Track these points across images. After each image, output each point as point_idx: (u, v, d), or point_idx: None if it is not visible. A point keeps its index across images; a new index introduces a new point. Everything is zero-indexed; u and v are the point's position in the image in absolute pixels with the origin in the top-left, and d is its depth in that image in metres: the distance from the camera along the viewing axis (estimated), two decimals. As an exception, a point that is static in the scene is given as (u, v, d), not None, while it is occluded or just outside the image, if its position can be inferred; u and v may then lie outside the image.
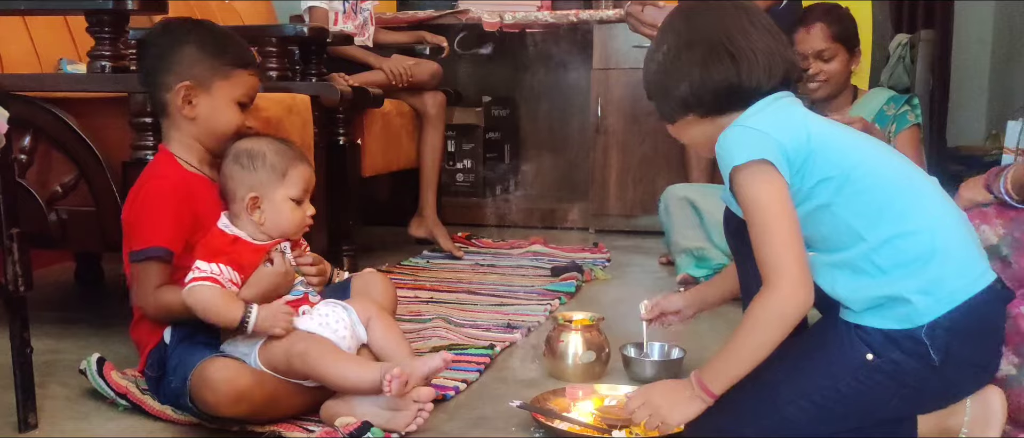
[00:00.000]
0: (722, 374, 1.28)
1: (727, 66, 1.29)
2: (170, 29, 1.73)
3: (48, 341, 2.00)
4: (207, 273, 1.52)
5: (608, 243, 3.33)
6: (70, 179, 1.95)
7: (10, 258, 1.50)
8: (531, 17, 3.70)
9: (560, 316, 1.88)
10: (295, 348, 1.51)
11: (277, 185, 1.61)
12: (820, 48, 2.42)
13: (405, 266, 2.96)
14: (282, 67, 2.48)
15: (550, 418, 1.52)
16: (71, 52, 2.45)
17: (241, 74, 1.72)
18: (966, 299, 1.23)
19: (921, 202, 1.27)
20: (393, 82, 3.05)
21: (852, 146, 1.31)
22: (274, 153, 1.63)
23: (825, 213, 1.27)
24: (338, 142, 2.67)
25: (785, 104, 1.32)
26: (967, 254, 1.27)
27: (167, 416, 1.57)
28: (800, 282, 1.22)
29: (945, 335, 1.22)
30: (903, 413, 1.30)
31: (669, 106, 1.37)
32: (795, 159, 1.25)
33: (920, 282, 1.22)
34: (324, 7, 3.11)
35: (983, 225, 1.47)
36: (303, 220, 1.64)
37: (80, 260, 2.75)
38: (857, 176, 1.25)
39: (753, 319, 1.25)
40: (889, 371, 1.24)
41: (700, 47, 1.31)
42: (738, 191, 1.26)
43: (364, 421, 1.47)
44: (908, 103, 2.49)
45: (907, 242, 1.23)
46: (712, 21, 1.32)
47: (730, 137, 1.27)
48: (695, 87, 1.32)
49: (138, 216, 1.64)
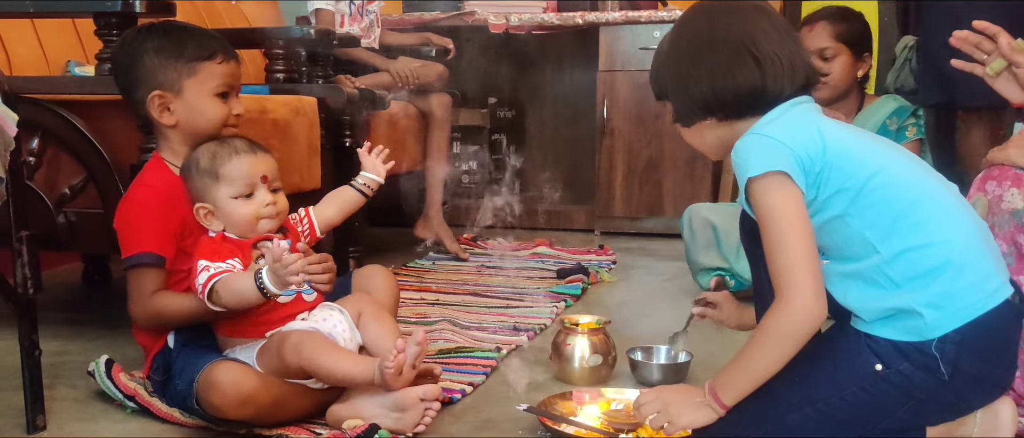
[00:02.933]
0: (733, 386, 1.28)
1: (752, 70, 1.27)
2: (126, 42, 1.71)
3: (56, 343, 2.01)
4: (223, 268, 1.52)
5: (614, 245, 3.33)
6: (78, 181, 1.96)
7: (19, 261, 1.50)
8: (537, 19, 3.71)
9: (566, 319, 1.88)
10: (289, 340, 1.51)
11: (215, 188, 1.58)
12: (821, 46, 2.36)
13: (411, 268, 2.96)
14: (289, 69, 2.48)
15: (557, 422, 1.52)
16: (79, 55, 2.46)
17: (207, 66, 1.66)
18: (978, 315, 1.21)
19: (937, 213, 1.25)
20: (399, 84, 3.06)
21: (869, 156, 1.27)
22: (207, 157, 1.60)
23: (839, 223, 1.25)
24: (344, 144, 2.68)
25: (803, 110, 1.29)
26: (982, 268, 1.24)
27: (175, 419, 1.57)
28: (814, 296, 1.20)
29: (955, 350, 1.20)
30: (909, 425, 1.28)
31: (687, 108, 1.33)
32: (811, 169, 1.23)
33: (932, 296, 1.21)
34: (330, 9, 3.12)
35: (1013, 188, 1.44)
36: (255, 212, 1.59)
37: (88, 261, 2.76)
38: (872, 187, 1.23)
39: (765, 333, 1.24)
40: (897, 382, 1.23)
41: (724, 49, 1.28)
42: (753, 201, 1.25)
43: (371, 423, 1.47)
44: (913, 115, 2.43)
45: (920, 255, 1.22)
46: (735, 23, 1.30)
47: (746, 146, 1.25)
48: (718, 90, 1.29)
49: (125, 224, 1.65)
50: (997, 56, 1.54)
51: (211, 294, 1.50)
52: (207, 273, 1.51)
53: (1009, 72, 1.55)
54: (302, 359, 1.50)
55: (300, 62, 2.55)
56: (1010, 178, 1.45)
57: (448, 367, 1.82)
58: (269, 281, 1.48)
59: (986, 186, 1.48)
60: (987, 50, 1.56)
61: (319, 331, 1.56)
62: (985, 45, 1.56)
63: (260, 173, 1.60)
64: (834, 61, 2.37)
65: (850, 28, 2.40)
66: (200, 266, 1.53)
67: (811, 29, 2.40)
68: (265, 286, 1.48)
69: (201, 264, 1.53)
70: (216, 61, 1.68)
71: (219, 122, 1.67)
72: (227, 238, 1.59)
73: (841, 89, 2.40)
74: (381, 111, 2.86)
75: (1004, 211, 1.44)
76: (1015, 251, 1.44)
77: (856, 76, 2.42)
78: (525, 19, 3.71)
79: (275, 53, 2.47)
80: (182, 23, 1.76)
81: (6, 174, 1.41)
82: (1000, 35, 1.54)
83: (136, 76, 1.67)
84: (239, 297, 1.51)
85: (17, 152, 1.45)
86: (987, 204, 1.47)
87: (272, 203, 1.61)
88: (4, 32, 2.29)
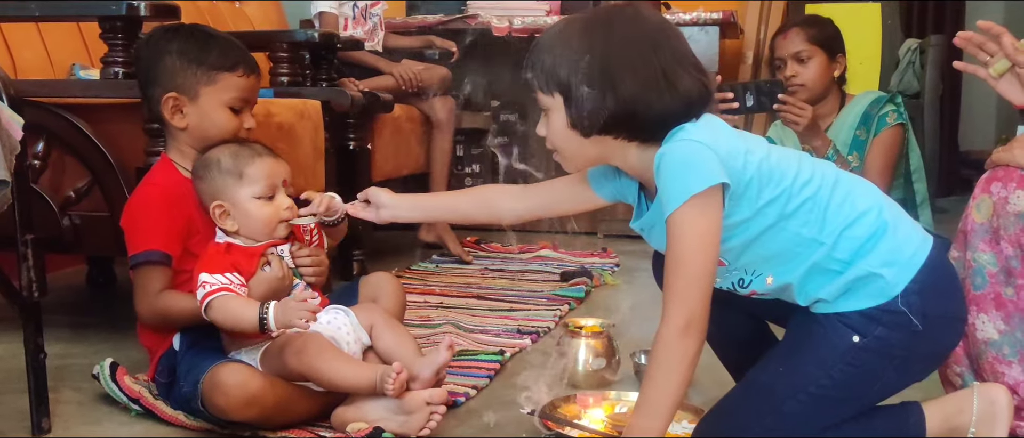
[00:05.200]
0: (646, 430, 1.22)
1: (665, 94, 1.19)
2: (152, 40, 1.71)
3: (61, 345, 2.01)
4: (218, 285, 1.52)
5: (616, 248, 3.33)
6: (83, 184, 1.96)
7: (24, 264, 1.51)
8: (540, 22, 3.71)
9: (570, 322, 1.88)
10: (292, 345, 1.51)
11: (236, 187, 1.59)
12: (796, 50, 2.43)
13: (415, 270, 2.97)
14: (293, 72, 2.49)
15: (561, 425, 1.52)
16: (84, 58, 2.46)
17: (227, 77, 1.67)
18: (924, 259, 1.26)
19: (851, 187, 1.29)
20: (403, 87, 3.06)
21: (784, 159, 1.27)
22: (228, 156, 1.60)
23: (773, 232, 1.25)
24: (349, 147, 2.69)
25: (717, 123, 1.25)
26: (905, 219, 1.31)
27: (180, 421, 1.58)
28: (701, 319, 1.18)
29: (918, 299, 1.25)
30: (900, 383, 1.32)
31: (592, 118, 1.21)
32: (739, 181, 1.21)
33: (883, 255, 1.25)
34: (334, 12, 3.12)
35: (1019, 189, 1.43)
36: (276, 214, 1.61)
37: (93, 264, 2.76)
38: (797, 187, 1.25)
39: (665, 363, 1.20)
40: (876, 348, 1.26)
41: (644, 70, 1.19)
42: (685, 218, 1.17)
43: (376, 426, 1.47)
44: (891, 102, 2.49)
45: (858, 228, 1.25)
46: (662, 41, 1.22)
47: (683, 156, 1.18)
48: (639, 111, 1.20)
49: (132, 223, 1.65)
50: (1001, 57, 1.54)
51: (207, 310, 1.51)
52: (204, 290, 1.51)
53: (1012, 74, 1.54)
54: (303, 365, 1.50)
55: (304, 65, 2.56)
56: (1015, 180, 1.45)
57: (452, 370, 1.82)
58: (274, 319, 1.47)
59: (991, 188, 1.48)
60: (991, 51, 1.56)
61: (321, 334, 1.56)
62: (989, 46, 1.56)
63: (282, 176, 1.62)
64: (809, 62, 2.44)
65: (821, 31, 2.47)
66: (200, 280, 1.53)
67: (785, 36, 2.48)
68: (268, 325, 1.48)
69: (201, 278, 1.53)
70: (237, 73, 1.68)
71: (229, 133, 1.68)
72: (233, 247, 1.59)
73: (818, 90, 2.46)
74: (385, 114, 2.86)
75: (1010, 213, 1.43)
76: (1020, 253, 1.43)
77: (832, 76, 2.48)
78: (528, 22, 3.71)
79: (279, 56, 2.48)
80: (211, 30, 1.77)
81: (11, 177, 1.41)
82: (1004, 36, 1.53)
83: (155, 74, 1.68)
84: (235, 322, 1.51)
85: (22, 155, 1.45)
86: (992, 206, 1.47)
87: (290, 207, 1.62)
88: (9, 35, 2.29)
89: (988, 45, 1.55)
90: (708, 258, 1.19)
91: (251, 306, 1.50)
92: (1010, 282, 1.45)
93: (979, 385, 1.36)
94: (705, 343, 1.22)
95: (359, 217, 1.59)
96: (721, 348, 1.54)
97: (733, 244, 1.26)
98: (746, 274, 1.31)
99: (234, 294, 1.52)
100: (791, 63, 2.44)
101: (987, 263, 1.46)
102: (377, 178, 2.88)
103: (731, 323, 1.47)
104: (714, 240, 1.19)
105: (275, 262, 1.59)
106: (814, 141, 2.34)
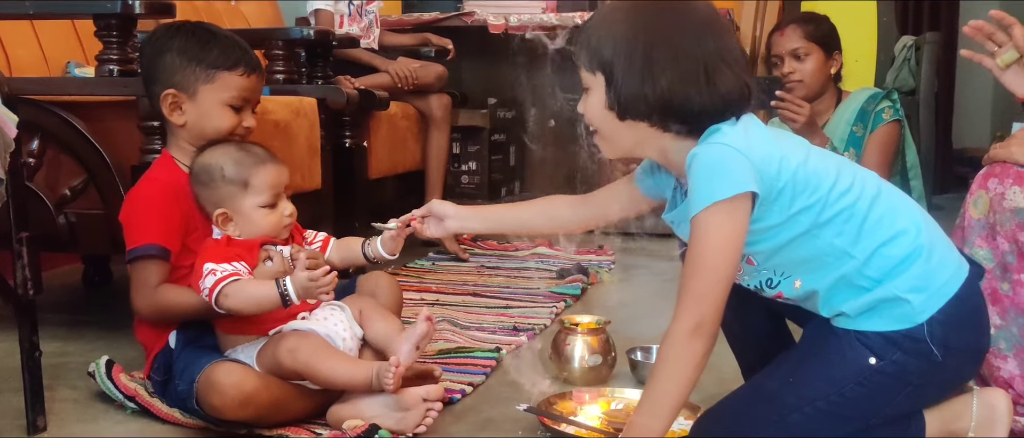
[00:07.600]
0: (646, 428, 1.21)
1: (704, 89, 1.19)
2: (155, 37, 1.71)
3: (56, 344, 2.01)
4: (228, 271, 1.51)
5: (613, 245, 3.33)
6: (79, 182, 1.95)
7: (19, 262, 1.50)
8: (536, 19, 3.71)
9: (566, 320, 1.89)
10: (285, 344, 1.51)
11: (241, 196, 1.59)
12: (794, 47, 2.44)
13: (411, 268, 2.96)
14: (289, 70, 2.48)
15: (557, 422, 1.53)
16: (79, 56, 2.46)
17: (227, 76, 1.66)
18: (956, 291, 1.23)
19: (893, 204, 1.26)
20: (399, 84, 3.06)
21: (823, 166, 1.25)
22: (232, 164, 1.59)
23: (805, 239, 1.24)
24: (344, 145, 2.68)
25: (755, 124, 1.24)
26: (944, 244, 1.27)
27: (176, 419, 1.57)
28: (712, 323, 1.17)
29: (942, 330, 1.22)
30: (909, 408, 1.30)
31: (634, 101, 1.20)
32: (773, 188, 1.20)
33: (913, 280, 1.22)
34: (329, 9, 3.12)
35: (1015, 185, 1.44)
36: (280, 222, 1.61)
37: (88, 263, 2.76)
38: (835, 197, 1.22)
39: (673, 362, 1.19)
40: (892, 373, 1.23)
41: (686, 61, 1.18)
42: (711, 221, 1.17)
43: (372, 423, 1.47)
44: (887, 98, 2.49)
45: (892, 247, 1.23)
46: (692, 32, 1.21)
47: (714, 159, 1.17)
48: (666, 98, 1.19)
49: (131, 217, 1.65)
50: (1010, 48, 1.54)
51: (219, 298, 1.50)
52: (214, 277, 1.51)
53: (1020, 65, 1.53)
54: (298, 364, 1.50)
55: (300, 63, 2.56)
56: (1012, 176, 1.45)
57: (448, 367, 1.82)
58: (294, 291, 1.48)
59: (987, 184, 1.48)
60: (1000, 42, 1.55)
61: (317, 332, 1.56)
62: (998, 36, 1.55)
63: (285, 182, 1.63)
64: (807, 60, 2.45)
65: (818, 28, 2.48)
66: (206, 269, 1.52)
67: (782, 33, 2.49)
68: (289, 297, 1.48)
69: (207, 267, 1.53)
70: (236, 72, 1.68)
71: (226, 132, 1.68)
72: (233, 240, 1.59)
73: (816, 87, 2.47)
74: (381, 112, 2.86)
75: (1006, 209, 1.44)
76: (1016, 249, 1.44)
77: (829, 73, 2.49)
78: (525, 19, 3.71)
79: (275, 54, 2.47)
80: (215, 28, 1.76)
81: (6, 175, 1.41)
82: (1015, 26, 1.53)
83: (156, 71, 1.68)
84: (255, 302, 1.51)
85: (17, 153, 1.44)
86: (989, 202, 1.47)
87: (292, 214, 1.63)
88: (4, 33, 2.28)
89: (998, 35, 1.55)
90: (727, 263, 1.18)
91: (267, 285, 1.49)
92: (1006, 277, 1.45)
93: (979, 390, 1.35)
94: (717, 338, 1.20)
95: (426, 236, 1.57)
96: (736, 339, 1.53)
97: (762, 247, 1.25)
98: (775, 275, 1.29)
99: (244, 278, 1.52)
100: (788, 60, 2.45)
101: (983, 258, 1.46)
102: (373, 176, 2.88)
103: (751, 315, 1.45)
104: (736, 246, 1.18)
105: (276, 257, 1.59)
106: (812, 138, 2.34)
